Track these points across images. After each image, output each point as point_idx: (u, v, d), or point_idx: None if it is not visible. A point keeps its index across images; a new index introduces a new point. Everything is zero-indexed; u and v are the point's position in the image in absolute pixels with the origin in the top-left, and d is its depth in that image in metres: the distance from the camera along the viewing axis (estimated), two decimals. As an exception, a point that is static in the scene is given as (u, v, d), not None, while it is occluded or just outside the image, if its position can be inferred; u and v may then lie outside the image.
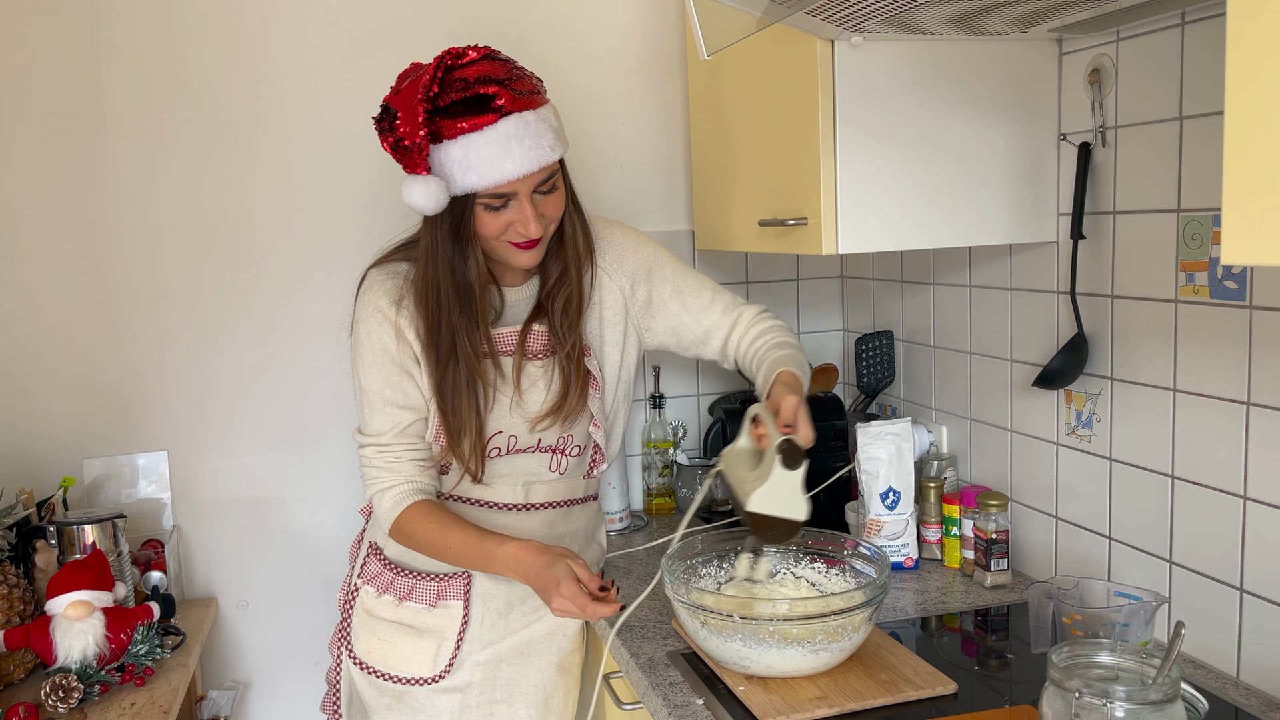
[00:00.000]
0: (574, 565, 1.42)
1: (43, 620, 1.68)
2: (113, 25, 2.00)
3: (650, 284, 1.69)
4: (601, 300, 1.67)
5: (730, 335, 1.69)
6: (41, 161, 2.00)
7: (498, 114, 1.43)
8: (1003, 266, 1.80)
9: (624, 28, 2.25)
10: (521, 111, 1.45)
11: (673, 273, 1.70)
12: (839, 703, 1.32)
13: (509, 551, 1.48)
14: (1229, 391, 1.36)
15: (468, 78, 1.43)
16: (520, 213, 1.49)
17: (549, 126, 1.49)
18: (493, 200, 1.48)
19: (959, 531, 1.81)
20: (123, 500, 2.08)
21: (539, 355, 1.61)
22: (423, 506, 1.56)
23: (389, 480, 1.58)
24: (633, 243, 1.70)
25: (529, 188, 1.48)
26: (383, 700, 1.66)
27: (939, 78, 1.57)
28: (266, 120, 2.09)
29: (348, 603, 1.74)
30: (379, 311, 1.57)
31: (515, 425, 1.60)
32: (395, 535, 1.59)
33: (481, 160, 1.43)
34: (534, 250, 1.54)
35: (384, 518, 1.58)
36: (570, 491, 1.71)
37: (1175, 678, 1.06)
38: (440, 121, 1.43)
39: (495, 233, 1.51)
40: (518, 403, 1.59)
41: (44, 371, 2.04)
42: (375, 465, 1.59)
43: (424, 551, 1.57)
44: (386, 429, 1.58)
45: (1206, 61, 1.35)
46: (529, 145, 1.44)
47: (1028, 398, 1.75)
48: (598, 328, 1.67)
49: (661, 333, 1.72)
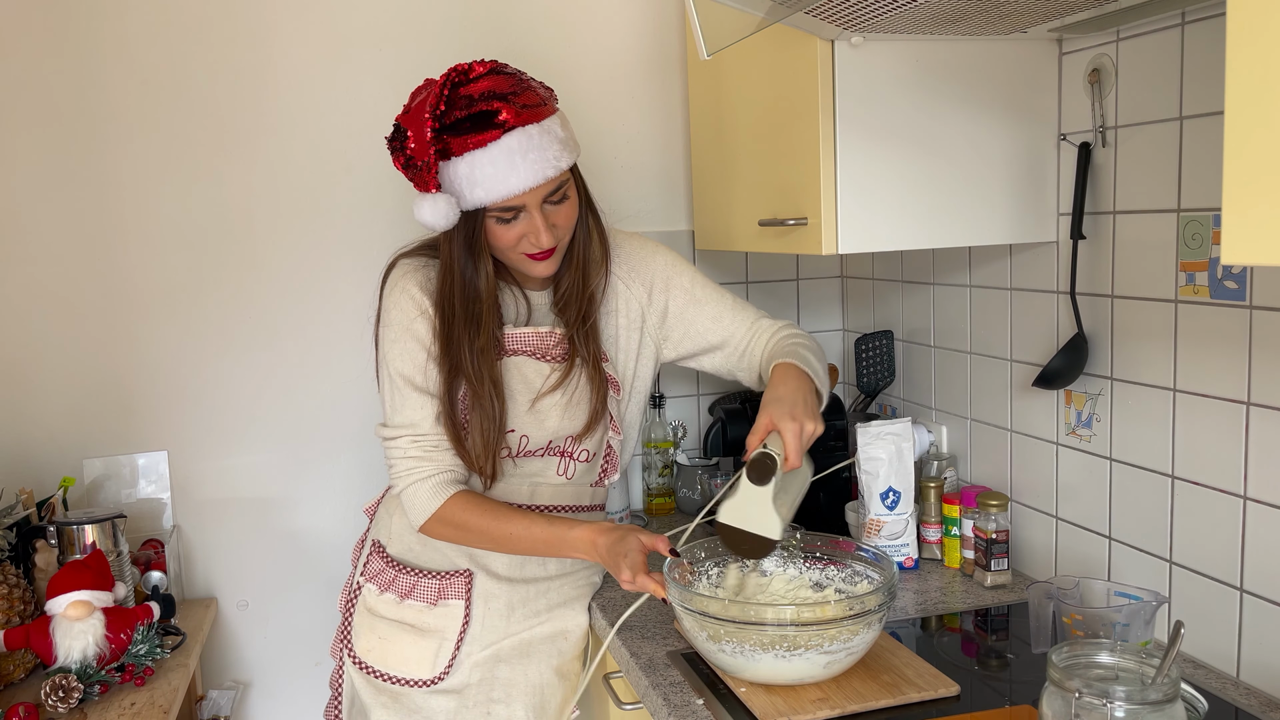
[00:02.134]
0: (641, 537, 1.49)
1: (43, 620, 1.68)
2: (113, 25, 2.00)
3: (668, 294, 1.69)
4: (618, 309, 1.68)
5: (750, 345, 1.68)
6: (42, 161, 2.00)
7: (501, 130, 1.44)
8: (1003, 266, 1.80)
9: (624, 28, 2.25)
10: (525, 126, 1.46)
11: (690, 282, 1.70)
12: (841, 704, 1.32)
13: (581, 534, 1.53)
14: (1229, 391, 1.36)
15: (473, 94, 1.45)
16: (531, 224, 1.50)
17: (554, 138, 1.49)
18: (503, 214, 1.49)
19: (959, 531, 1.81)
20: (123, 500, 2.08)
21: (558, 359, 1.61)
22: (468, 496, 1.56)
23: (428, 469, 1.55)
24: (651, 252, 1.71)
25: (537, 199, 1.49)
26: (379, 699, 1.66)
27: (939, 78, 1.57)
28: (267, 120, 2.09)
29: (349, 603, 1.74)
30: (412, 300, 1.56)
31: (528, 426, 1.59)
32: (435, 525, 1.56)
33: (487, 176, 1.45)
34: (549, 260, 1.55)
35: (422, 507, 1.55)
36: (577, 498, 1.70)
37: (1175, 678, 1.06)
38: (449, 139, 1.45)
39: (509, 245, 1.52)
40: (532, 405, 1.59)
41: (44, 371, 2.04)
42: (412, 455, 1.55)
43: (472, 540, 1.57)
44: (423, 418, 1.55)
45: (1206, 61, 1.35)
46: (533, 159, 1.46)
47: (1028, 398, 1.75)
48: (614, 334, 1.67)
49: (678, 342, 1.71)
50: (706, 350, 1.70)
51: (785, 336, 1.65)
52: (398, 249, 1.66)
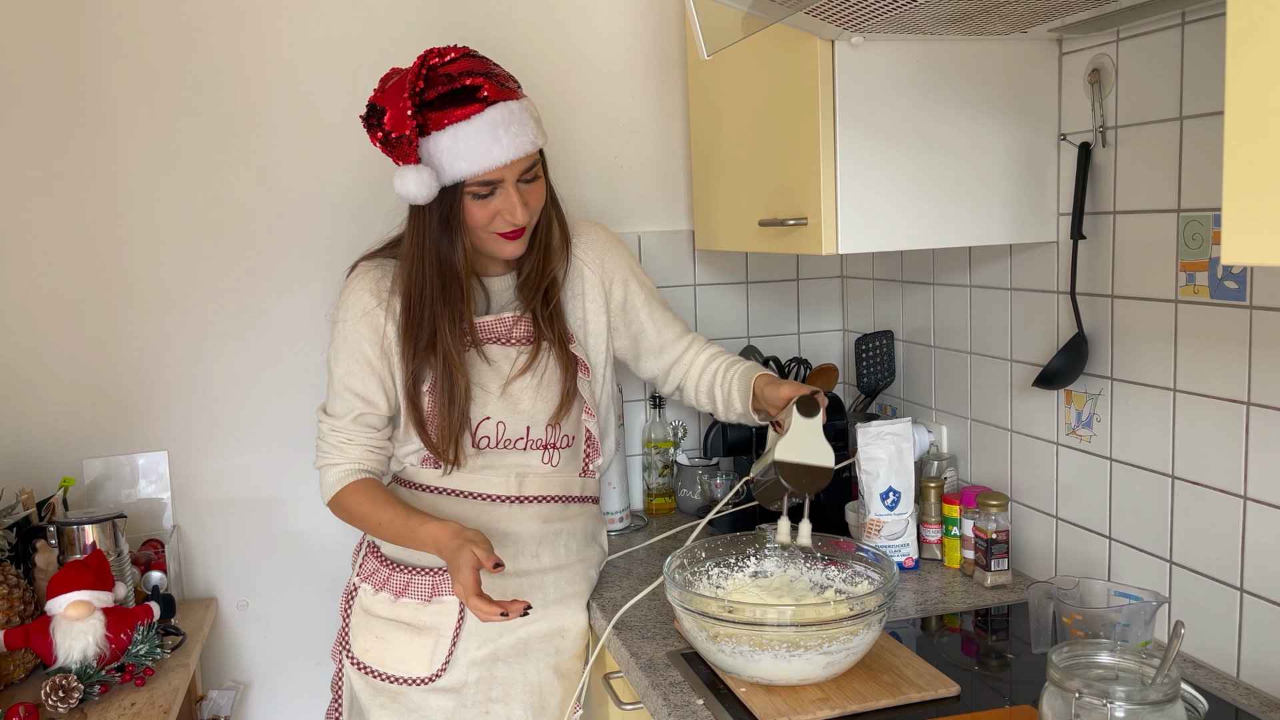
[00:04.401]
0: (477, 551, 1.42)
1: (43, 620, 1.68)
2: (112, 25, 2.00)
3: (627, 289, 1.77)
4: (584, 291, 1.74)
5: (684, 355, 1.79)
6: (41, 161, 2.00)
7: (484, 103, 1.51)
8: (1003, 266, 1.80)
9: (624, 28, 2.25)
10: (506, 101, 1.53)
11: (644, 285, 1.80)
12: (841, 704, 1.32)
13: (428, 531, 1.52)
14: (1229, 391, 1.36)
15: (451, 73, 1.51)
16: (507, 200, 1.56)
17: (531, 116, 1.57)
18: (481, 188, 1.54)
19: (959, 531, 1.81)
20: (123, 500, 2.08)
21: (523, 342, 1.66)
22: (362, 484, 1.64)
23: (336, 459, 1.65)
24: (614, 245, 1.79)
25: (515, 174, 1.55)
26: (377, 699, 1.66)
27: (939, 78, 1.57)
28: (266, 120, 2.09)
29: (347, 604, 1.74)
30: (360, 306, 1.64)
31: (503, 412, 1.64)
32: (334, 507, 1.66)
33: (470, 148, 1.50)
34: (519, 240, 1.61)
35: (326, 491, 1.66)
36: (565, 487, 1.72)
37: (1175, 678, 1.06)
38: (428, 115, 1.50)
39: (483, 222, 1.57)
40: (504, 390, 1.63)
41: (44, 371, 2.04)
42: (328, 442, 1.66)
43: (358, 525, 1.65)
44: (345, 414, 1.65)
45: (1206, 61, 1.35)
46: (515, 132, 1.52)
47: (1028, 398, 1.75)
48: (581, 316, 1.73)
49: (623, 337, 1.79)
50: (645, 346, 1.79)
51: (721, 353, 1.77)
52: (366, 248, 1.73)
